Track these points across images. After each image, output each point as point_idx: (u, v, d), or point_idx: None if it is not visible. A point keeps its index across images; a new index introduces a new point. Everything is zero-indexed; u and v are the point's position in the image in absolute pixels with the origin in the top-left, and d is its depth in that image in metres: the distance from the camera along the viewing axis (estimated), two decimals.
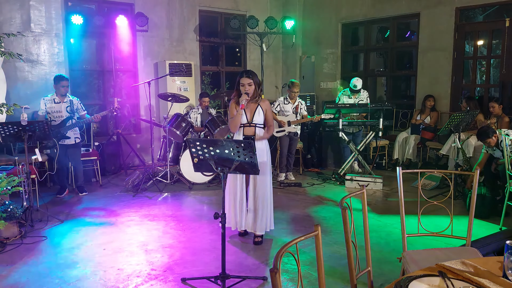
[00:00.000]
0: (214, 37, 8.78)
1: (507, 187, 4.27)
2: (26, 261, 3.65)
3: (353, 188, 6.06)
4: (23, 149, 4.45)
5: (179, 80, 7.65)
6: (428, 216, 4.40)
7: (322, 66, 9.14)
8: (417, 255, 2.52)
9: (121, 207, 5.23)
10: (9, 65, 6.21)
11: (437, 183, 5.90)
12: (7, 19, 6.40)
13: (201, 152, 2.98)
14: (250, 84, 3.79)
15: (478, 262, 1.82)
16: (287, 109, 6.44)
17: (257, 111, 3.88)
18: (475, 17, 7.65)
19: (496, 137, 4.60)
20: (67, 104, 5.61)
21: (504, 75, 6.70)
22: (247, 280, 3.23)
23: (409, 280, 1.61)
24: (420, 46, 7.59)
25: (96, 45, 7.58)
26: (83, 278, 3.32)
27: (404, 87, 9.57)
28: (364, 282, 2.32)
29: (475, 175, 2.57)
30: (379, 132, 6.17)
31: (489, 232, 3.69)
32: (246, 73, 3.83)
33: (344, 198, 2.07)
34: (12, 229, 4.06)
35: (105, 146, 6.94)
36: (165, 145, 6.33)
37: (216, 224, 4.45)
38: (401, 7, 7.77)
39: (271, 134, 4.08)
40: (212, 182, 6.26)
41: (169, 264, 3.56)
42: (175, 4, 8.00)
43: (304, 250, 3.73)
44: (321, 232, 1.70)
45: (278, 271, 1.36)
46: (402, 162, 7.21)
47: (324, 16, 8.94)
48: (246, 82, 3.79)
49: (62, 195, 5.69)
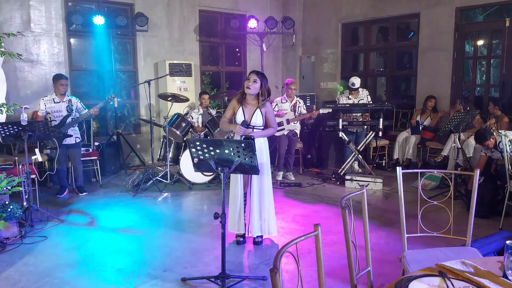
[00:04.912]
0: (214, 37, 8.78)
1: (507, 187, 4.27)
2: (26, 261, 3.65)
3: (353, 188, 6.06)
4: (23, 149, 4.45)
5: (179, 80, 7.66)
6: (428, 216, 4.40)
7: (322, 66, 9.14)
8: (417, 255, 2.52)
9: (121, 207, 5.23)
10: (9, 65, 6.21)
11: (437, 183, 5.90)
12: (7, 19, 6.40)
13: (201, 152, 2.98)
14: (255, 81, 3.76)
15: (478, 262, 1.82)
16: (284, 107, 6.46)
17: (256, 113, 3.84)
18: (475, 17, 7.64)
19: (494, 138, 4.60)
20: (67, 103, 5.61)
21: (504, 75, 6.70)
22: (247, 280, 3.23)
23: (409, 280, 1.61)
24: (420, 46, 7.59)
25: (96, 45, 7.57)
26: (83, 278, 3.32)
27: (404, 87, 9.56)
28: (364, 282, 2.32)
29: (475, 175, 2.57)
30: (379, 132, 6.17)
31: (489, 232, 3.69)
32: (256, 71, 3.85)
33: (344, 198, 2.07)
34: (12, 229, 4.06)
35: (105, 146, 6.94)
36: (165, 145, 6.33)
37: (216, 224, 4.45)
38: (401, 7, 7.77)
39: (272, 134, 4.06)
40: (212, 182, 6.26)
41: (169, 264, 3.56)
42: (175, 4, 8.00)
43: (304, 250, 3.73)
44: (321, 232, 1.70)
45: (278, 271, 1.36)
46: (402, 162, 7.21)
47: (324, 16, 8.93)
48: (252, 78, 3.77)
49: (62, 195, 5.69)
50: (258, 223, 3.96)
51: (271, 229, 4.02)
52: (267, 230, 4.00)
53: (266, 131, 3.94)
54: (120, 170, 7.15)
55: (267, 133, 3.96)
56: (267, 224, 3.98)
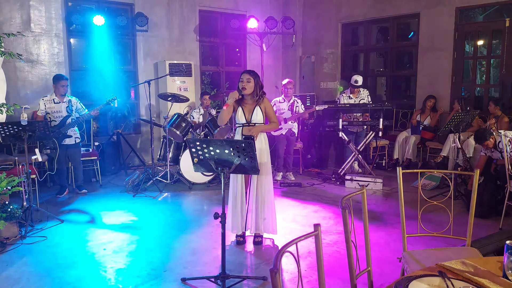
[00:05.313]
0: (214, 37, 8.78)
1: (507, 187, 4.27)
2: (26, 261, 3.65)
3: (353, 188, 6.06)
4: (23, 149, 4.45)
5: (179, 80, 7.65)
6: (428, 216, 4.40)
7: (322, 66, 9.14)
8: (417, 255, 2.52)
9: (121, 207, 5.23)
10: (9, 65, 6.21)
11: (437, 183, 5.90)
12: (7, 19, 6.40)
13: (201, 152, 2.98)
14: (248, 81, 3.82)
15: (478, 262, 1.82)
16: (282, 107, 6.49)
17: (255, 110, 3.88)
18: (475, 17, 7.64)
19: (493, 138, 4.60)
20: (67, 104, 5.61)
21: (504, 75, 6.70)
22: (247, 280, 3.23)
23: (409, 280, 1.61)
24: (420, 46, 7.59)
25: (96, 45, 7.56)
26: (83, 278, 3.32)
27: (404, 87, 9.56)
28: (364, 282, 2.32)
29: (475, 175, 2.57)
30: (379, 132, 6.17)
31: (489, 232, 3.69)
32: (247, 70, 3.91)
33: (344, 198, 2.07)
34: (12, 229, 4.06)
35: (105, 146, 6.94)
36: (165, 145, 6.33)
37: (216, 224, 4.45)
38: (401, 7, 7.77)
39: (275, 128, 4.10)
40: (212, 182, 6.25)
41: (169, 264, 3.56)
42: (175, 4, 8.00)
43: (304, 250, 3.73)
44: (321, 232, 1.70)
45: (278, 271, 1.36)
46: (402, 162, 7.21)
47: (324, 16, 8.93)
48: (245, 78, 3.83)
49: (62, 195, 5.69)
50: (259, 222, 3.97)
51: (272, 228, 4.02)
52: (268, 229, 4.01)
53: (269, 125, 4.00)
54: (120, 170, 7.15)
55: (270, 128, 4.02)
56: (268, 223, 3.99)
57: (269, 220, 3.99)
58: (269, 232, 4.03)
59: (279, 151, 6.56)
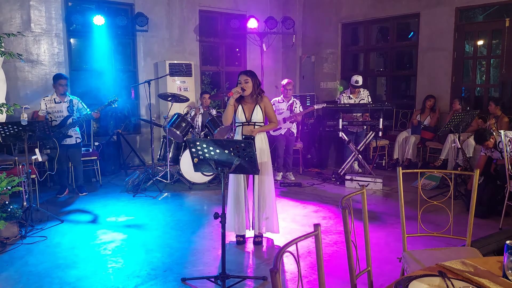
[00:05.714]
0: (214, 37, 8.78)
1: (507, 187, 4.27)
2: (26, 261, 3.65)
3: (353, 188, 6.06)
4: (23, 149, 4.45)
5: (179, 80, 7.65)
6: (428, 216, 4.40)
7: (322, 66, 9.14)
8: (417, 255, 2.52)
9: (121, 207, 5.23)
10: (9, 65, 6.21)
11: (437, 183, 5.90)
12: (7, 19, 6.40)
13: (201, 152, 2.98)
14: (246, 81, 3.84)
15: (478, 262, 1.82)
16: (281, 107, 6.51)
17: (256, 109, 3.90)
18: (475, 17, 7.64)
19: (493, 138, 4.60)
20: (68, 104, 5.61)
21: (504, 75, 6.70)
22: (247, 280, 3.23)
23: (409, 280, 1.61)
24: (420, 46, 7.59)
25: (96, 45, 7.57)
26: (83, 278, 3.32)
27: (404, 87, 9.56)
28: (364, 282, 2.32)
29: (475, 175, 2.57)
30: (379, 132, 6.17)
31: (489, 232, 3.69)
32: (244, 71, 3.94)
33: (344, 198, 2.07)
34: (12, 229, 4.06)
35: (105, 146, 6.94)
36: (165, 145, 6.33)
37: (216, 224, 4.45)
38: (401, 7, 7.77)
39: (274, 127, 4.14)
40: (212, 182, 6.26)
41: (169, 264, 3.56)
42: (175, 4, 8.00)
43: (304, 250, 3.73)
44: (321, 232, 1.70)
45: (278, 271, 1.36)
46: (402, 162, 7.21)
47: (324, 16, 8.93)
48: (243, 79, 3.86)
49: (62, 195, 5.69)
50: (260, 221, 3.97)
51: (274, 227, 4.02)
52: (271, 228, 4.02)
53: (268, 125, 4.02)
54: (120, 170, 7.15)
55: (270, 128, 4.04)
56: (269, 222, 4.00)
57: (271, 219, 3.99)
58: (271, 231, 4.04)
59: (279, 151, 6.56)
